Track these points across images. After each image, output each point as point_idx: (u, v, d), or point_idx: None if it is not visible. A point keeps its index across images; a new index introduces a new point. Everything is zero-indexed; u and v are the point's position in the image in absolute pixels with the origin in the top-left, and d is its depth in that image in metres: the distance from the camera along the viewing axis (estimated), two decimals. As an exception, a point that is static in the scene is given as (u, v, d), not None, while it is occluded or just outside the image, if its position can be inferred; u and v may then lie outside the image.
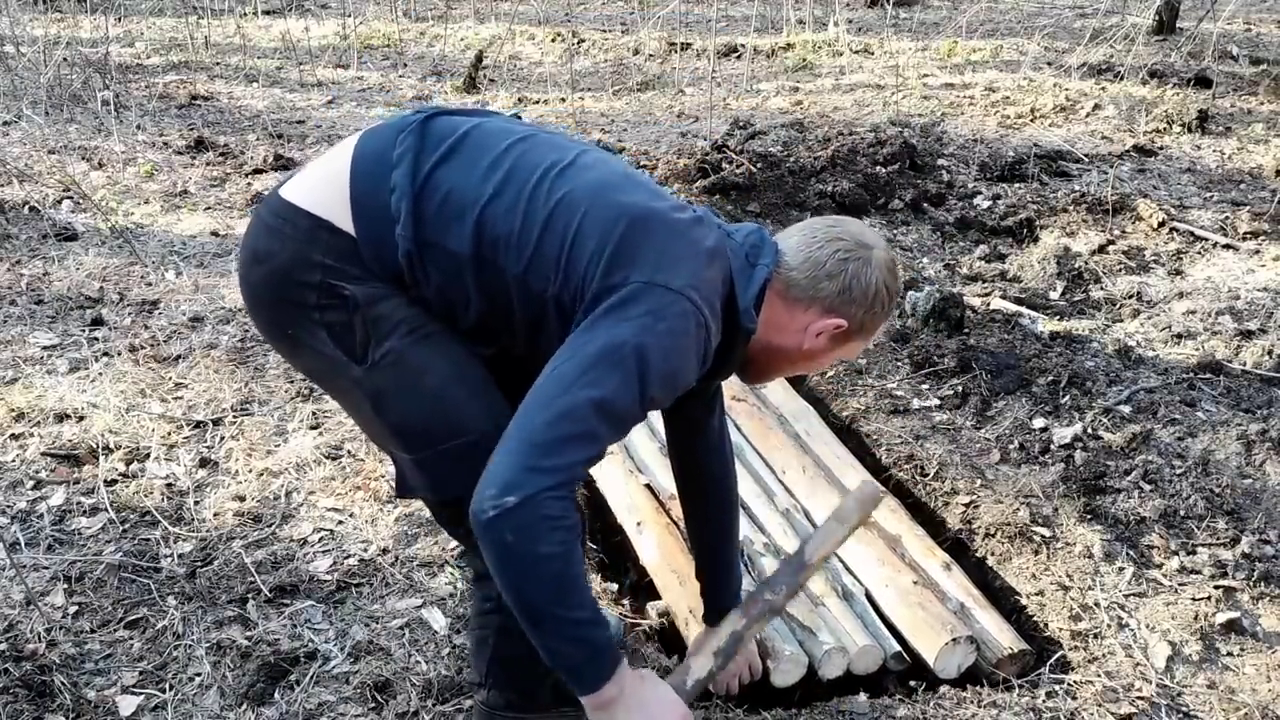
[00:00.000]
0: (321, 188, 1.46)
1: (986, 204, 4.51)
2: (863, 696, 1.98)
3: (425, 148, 1.45)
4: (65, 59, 6.40)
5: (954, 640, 2.02)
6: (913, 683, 2.06)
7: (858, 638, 2.04)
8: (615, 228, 1.38)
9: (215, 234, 4.31)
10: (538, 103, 6.62)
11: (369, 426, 1.54)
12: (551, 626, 1.29)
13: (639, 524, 2.38)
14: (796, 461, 2.59)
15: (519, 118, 1.62)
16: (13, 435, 2.72)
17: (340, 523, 2.42)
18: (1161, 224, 4.17)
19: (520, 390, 1.35)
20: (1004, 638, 2.07)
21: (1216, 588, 2.24)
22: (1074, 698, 1.96)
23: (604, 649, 1.33)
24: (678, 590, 2.16)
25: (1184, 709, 1.95)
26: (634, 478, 2.53)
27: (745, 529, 2.24)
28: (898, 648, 2.07)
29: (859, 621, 2.11)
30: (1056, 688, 1.99)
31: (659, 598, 2.25)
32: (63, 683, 1.91)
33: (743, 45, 7.88)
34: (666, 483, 2.43)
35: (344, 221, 1.42)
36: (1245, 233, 4.13)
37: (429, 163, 1.43)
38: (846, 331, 1.53)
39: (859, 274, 1.49)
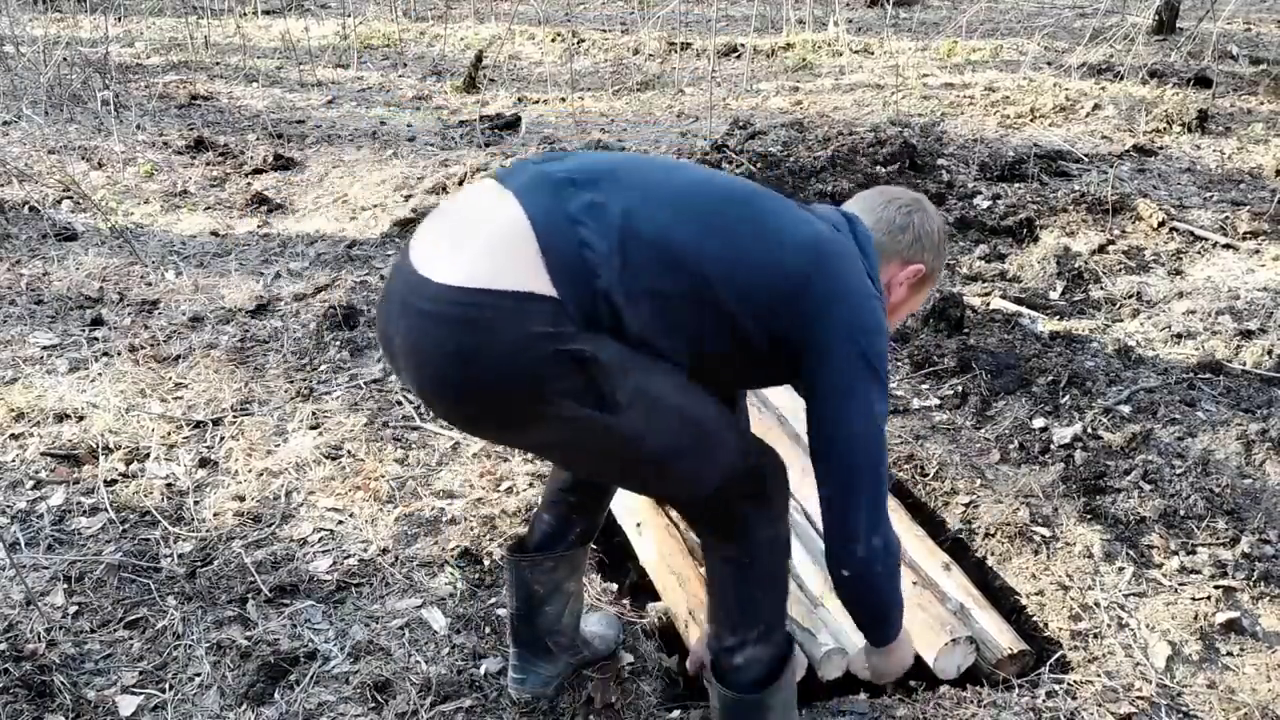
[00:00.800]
0: (496, 259, 1.37)
1: (986, 204, 4.51)
2: (862, 697, 1.98)
3: (601, 196, 1.43)
4: (65, 59, 6.40)
5: (953, 640, 2.02)
6: (912, 683, 2.06)
7: (857, 638, 2.03)
8: (810, 259, 1.49)
9: (215, 234, 4.31)
10: (537, 102, 6.62)
11: (627, 467, 1.53)
12: (895, 617, 1.67)
13: (638, 525, 2.39)
14: (798, 462, 2.59)
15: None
16: (12, 435, 2.72)
17: (340, 523, 2.42)
18: (1161, 224, 4.17)
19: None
20: (1003, 638, 2.07)
21: (1216, 587, 2.24)
22: (1074, 698, 1.96)
23: (902, 618, 1.70)
24: (677, 591, 2.16)
25: (1184, 709, 1.95)
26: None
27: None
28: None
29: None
30: (1056, 687, 1.99)
31: (658, 598, 2.25)
32: (62, 683, 1.91)
33: (742, 45, 7.88)
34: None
35: (544, 287, 1.36)
36: (1245, 232, 4.13)
37: (616, 211, 1.42)
38: (924, 276, 1.69)
39: (924, 223, 1.67)
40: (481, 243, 1.39)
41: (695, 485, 1.53)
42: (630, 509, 2.44)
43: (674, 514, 2.36)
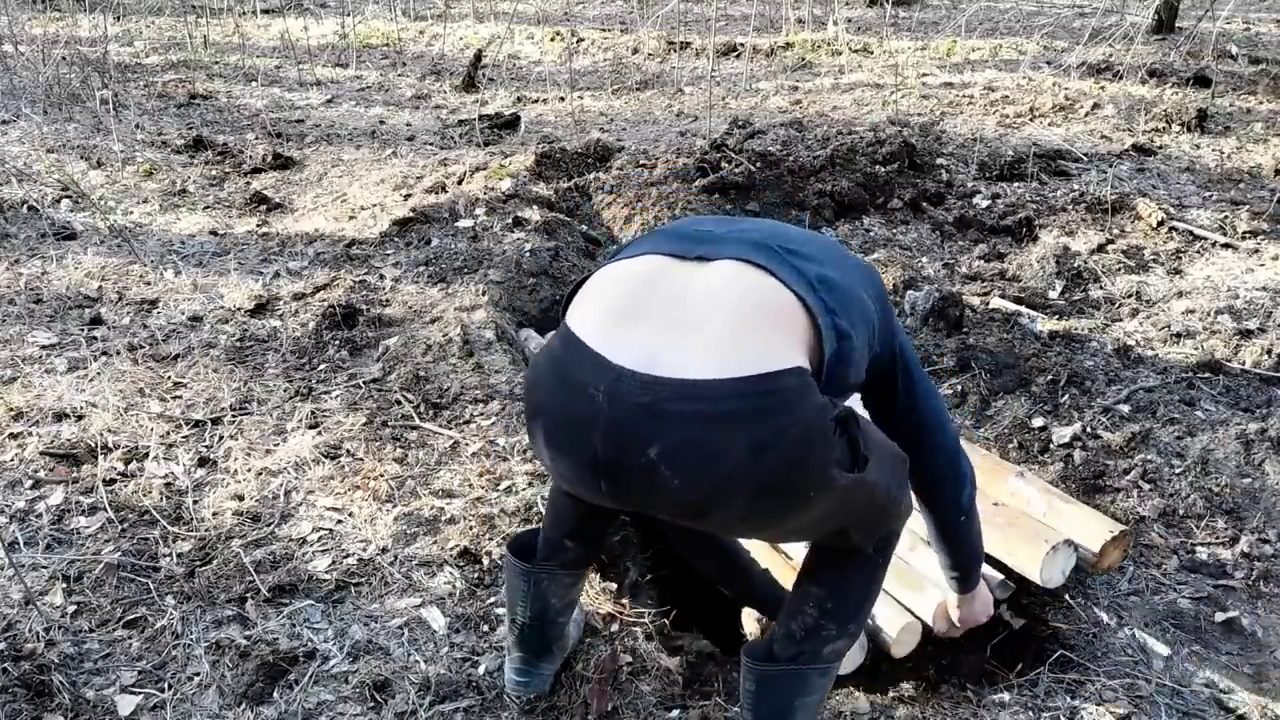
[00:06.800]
0: (758, 339, 1.32)
1: (985, 203, 4.50)
2: (862, 697, 1.98)
3: (821, 268, 1.47)
4: (64, 58, 6.39)
5: (1053, 549, 2.06)
6: (908, 683, 2.06)
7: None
8: (881, 293, 1.63)
9: (214, 233, 4.31)
10: (537, 101, 6.62)
11: (867, 520, 1.52)
12: (981, 548, 1.89)
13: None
14: None
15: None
16: (11, 434, 2.71)
17: (339, 522, 2.42)
18: (1160, 223, 4.17)
19: None
20: (1099, 527, 2.12)
21: (1216, 587, 2.24)
22: (1074, 697, 1.96)
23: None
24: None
25: (1184, 708, 1.95)
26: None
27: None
28: (1000, 576, 2.11)
29: None
30: (1056, 687, 1.99)
31: (657, 597, 2.25)
32: (61, 682, 1.91)
33: (742, 44, 7.88)
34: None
35: (807, 358, 1.35)
36: (1244, 232, 4.13)
37: (845, 284, 1.48)
38: None
39: None
40: (734, 322, 1.32)
41: (902, 515, 1.60)
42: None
43: None
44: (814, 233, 1.71)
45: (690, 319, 1.32)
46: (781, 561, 2.20)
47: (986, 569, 2.09)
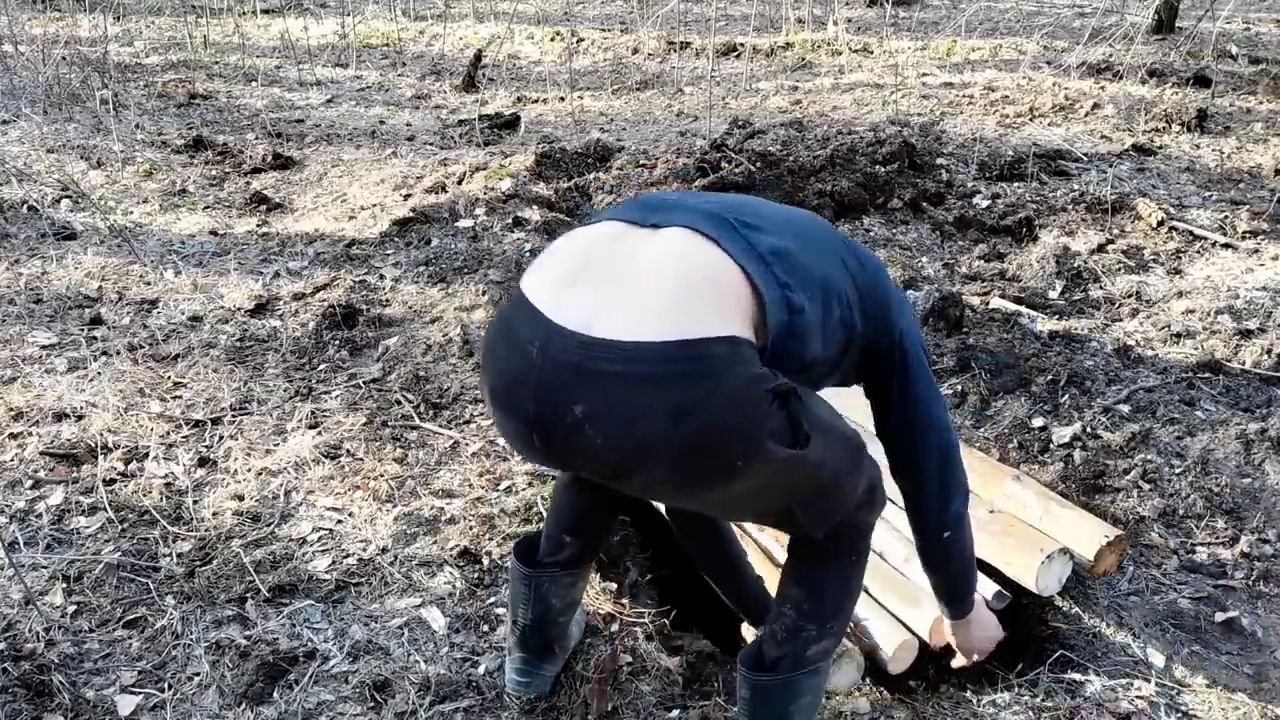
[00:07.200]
0: (691, 306, 1.31)
1: (985, 203, 4.50)
2: (863, 698, 1.98)
3: (780, 241, 1.44)
4: (64, 58, 6.39)
5: (1048, 557, 2.04)
6: (912, 682, 2.06)
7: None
8: (882, 278, 1.61)
9: (214, 233, 4.31)
10: (536, 101, 6.62)
11: (806, 501, 1.49)
12: (973, 574, 1.80)
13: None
14: (841, 403, 2.57)
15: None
16: (11, 434, 2.71)
17: (339, 522, 2.42)
18: (1160, 223, 4.17)
19: None
20: (1094, 531, 2.10)
21: (1216, 587, 2.24)
22: (1074, 697, 1.96)
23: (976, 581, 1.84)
24: None
25: (1183, 708, 1.95)
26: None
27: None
28: (996, 586, 2.08)
29: None
30: (1056, 687, 1.99)
31: (657, 597, 2.25)
32: (61, 682, 1.91)
33: (742, 44, 7.88)
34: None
35: (748, 328, 1.34)
36: (1244, 232, 4.13)
37: (810, 264, 1.45)
38: None
39: None
40: (669, 288, 1.32)
41: (850, 502, 1.54)
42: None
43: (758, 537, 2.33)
44: (792, 209, 1.63)
45: (631, 284, 1.33)
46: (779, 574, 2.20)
47: (983, 579, 2.07)
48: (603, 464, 1.34)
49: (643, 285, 1.32)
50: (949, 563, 1.76)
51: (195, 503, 2.48)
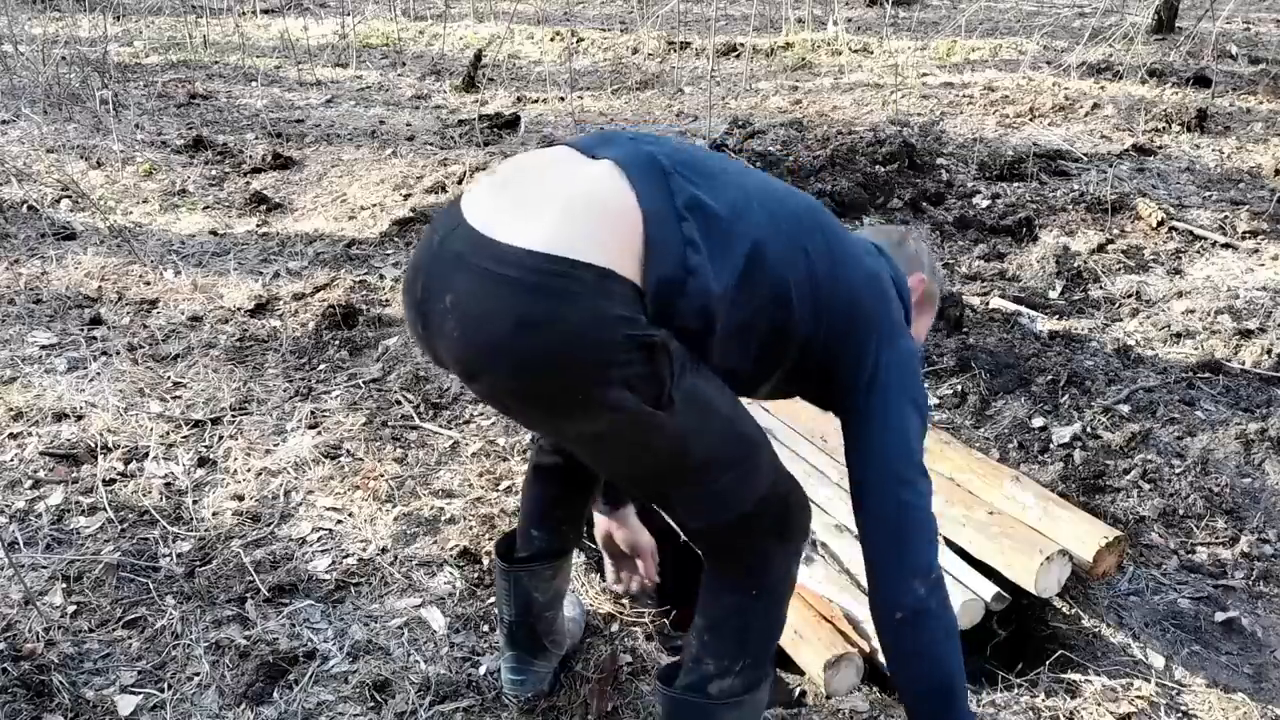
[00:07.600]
0: (583, 229, 1.28)
1: (985, 203, 4.50)
2: (862, 698, 1.98)
3: (712, 200, 1.36)
4: (64, 58, 6.39)
5: (1047, 559, 2.03)
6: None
7: (955, 594, 2.02)
8: (877, 295, 1.51)
9: (214, 233, 4.31)
10: (537, 101, 6.62)
11: (664, 472, 1.42)
12: (960, 687, 1.49)
13: None
14: (830, 425, 2.57)
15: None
16: (11, 434, 2.71)
17: (339, 522, 2.42)
18: (1160, 223, 4.17)
19: None
20: (1093, 531, 2.09)
21: (1216, 587, 2.24)
22: (1074, 697, 1.96)
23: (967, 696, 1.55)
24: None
25: (1183, 708, 1.95)
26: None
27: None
28: (995, 589, 2.07)
29: (950, 576, 2.06)
30: (1056, 687, 1.99)
31: (655, 596, 2.25)
32: (61, 682, 1.91)
33: (742, 44, 7.88)
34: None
35: (631, 271, 1.28)
36: (1244, 232, 4.13)
37: (741, 234, 1.37)
38: (925, 290, 1.71)
39: (917, 241, 1.77)
40: (565, 209, 1.30)
41: (727, 504, 1.44)
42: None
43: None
44: (776, 183, 1.53)
45: (539, 201, 1.33)
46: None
47: (982, 582, 2.07)
48: (456, 360, 1.34)
49: (547, 203, 1.32)
50: (905, 665, 1.49)
51: (195, 503, 2.48)
